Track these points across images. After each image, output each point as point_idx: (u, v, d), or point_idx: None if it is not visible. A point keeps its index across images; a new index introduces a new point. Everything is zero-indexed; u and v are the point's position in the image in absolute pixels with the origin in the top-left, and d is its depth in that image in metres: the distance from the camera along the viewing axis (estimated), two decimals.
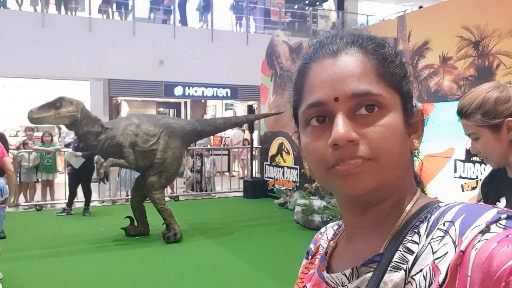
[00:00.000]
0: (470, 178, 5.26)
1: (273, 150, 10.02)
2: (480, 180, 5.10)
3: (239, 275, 4.92)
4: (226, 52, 14.64)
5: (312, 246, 0.83)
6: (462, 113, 1.56)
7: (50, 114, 5.68)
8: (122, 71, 13.66)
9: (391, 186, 0.63)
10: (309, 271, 0.79)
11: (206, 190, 10.71)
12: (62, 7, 13.63)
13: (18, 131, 14.84)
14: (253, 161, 11.07)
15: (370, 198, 0.63)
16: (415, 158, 0.71)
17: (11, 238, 6.33)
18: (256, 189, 9.98)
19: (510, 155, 1.54)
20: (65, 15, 13.72)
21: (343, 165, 0.60)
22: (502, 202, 1.58)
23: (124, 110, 16.66)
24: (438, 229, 0.56)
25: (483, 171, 5.08)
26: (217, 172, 11.40)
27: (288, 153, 9.50)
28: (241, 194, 10.33)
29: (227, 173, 13.11)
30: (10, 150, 9.81)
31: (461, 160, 5.37)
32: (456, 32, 5.46)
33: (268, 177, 10.23)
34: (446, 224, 0.55)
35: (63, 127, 7.78)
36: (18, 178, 9.00)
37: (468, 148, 5.24)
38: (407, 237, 0.60)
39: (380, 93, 0.61)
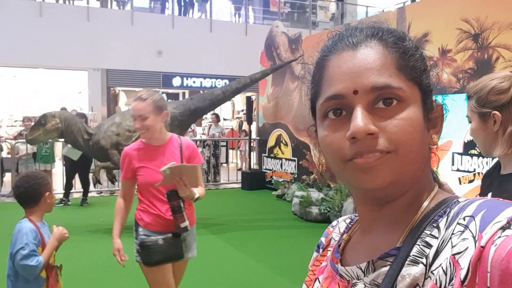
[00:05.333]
0: (468, 171, 5.27)
1: (271, 141, 10.02)
2: (478, 173, 5.12)
3: (236, 266, 4.94)
4: (224, 43, 14.58)
5: (323, 239, 0.83)
6: (467, 94, 1.59)
7: (40, 132, 6.22)
8: (120, 61, 13.60)
9: (409, 181, 0.62)
10: (320, 263, 0.79)
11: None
12: None
13: (16, 120, 14.79)
14: (251, 153, 11.09)
15: (387, 193, 0.62)
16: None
17: (7, 229, 6.33)
18: (254, 180, 9.99)
19: (495, 147, 1.53)
20: (63, 4, 13.64)
21: (361, 158, 0.59)
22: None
23: (122, 100, 16.62)
24: (458, 223, 0.55)
25: (481, 164, 5.09)
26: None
27: (286, 145, 9.50)
28: (239, 185, 10.34)
29: (225, 164, 13.12)
30: (7, 140, 9.81)
31: (459, 153, 5.37)
32: (455, 25, 5.43)
33: (266, 169, 10.24)
34: (467, 219, 0.54)
35: None
36: (16, 168, 8.99)
37: (466, 141, 5.25)
38: (425, 231, 0.59)
39: (400, 86, 0.61)
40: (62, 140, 7.29)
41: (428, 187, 0.66)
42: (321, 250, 0.82)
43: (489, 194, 1.57)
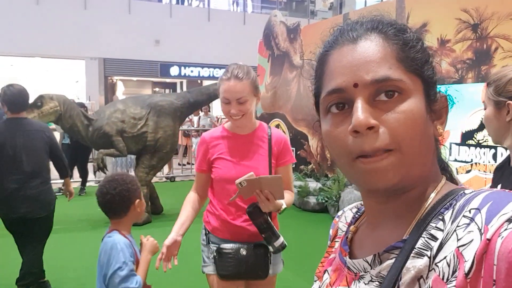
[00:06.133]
0: (465, 162, 5.29)
1: None
2: (475, 163, 5.14)
3: None
4: (222, 32, 14.51)
5: (331, 230, 0.83)
6: (488, 81, 1.60)
7: (34, 115, 5.68)
8: (117, 50, 13.54)
9: (416, 175, 0.62)
10: (329, 255, 0.79)
11: None
12: None
13: None
14: None
15: (394, 190, 0.62)
16: (440, 145, 0.69)
17: None
18: None
19: (506, 137, 1.55)
20: None
21: (365, 159, 0.59)
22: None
23: (120, 90, 16.56)
24: (464, 216, 0.54)
25: (478, 154, 5.10)
26: None
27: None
28: None
29: None
30: None
31: (456, 144, 5.38)
32: (455, 15, 5.41)
33: None
34: (472, 211, 0.53)
35: None
36: None
37: (463, 132, 5.26)
38: (431, 224, 0.59)
39: (400, 78, 0.60)
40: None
41: (435, 178, 0.65)
42: (329, 242, 0.82)
43: (499, 186, 1.58)
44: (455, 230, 0.54)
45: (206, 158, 2.20)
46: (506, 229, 0.49)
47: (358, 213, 0.79)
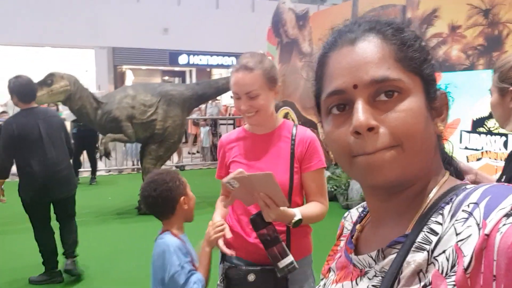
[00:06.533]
0: (476, 149, 5.25)
1: None
2: (486, 151, 5.09)
3: None
4: (231, 20, 14.44)
5: (338, 231, 0.85)
6: (494, 68, 1.61)
7: (44, 92, 5.47)
8: (126, 39, 13.55)
9: (417, 172, 0.62)
10: (334, 253, 0.81)
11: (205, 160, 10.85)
12: None
13: None
14: None
15: (395, 186, 0.63)
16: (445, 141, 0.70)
17: (15, 208, 6.43)
18: None
19: (508, 123, 1.55)
20: None
21: (366, 155, 0.60)
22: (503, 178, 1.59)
23: (129, 78, 16.60)
24: (463, 210, 0.55)
25: (489, 142, 5.06)
26: None
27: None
28: None
29: None
30: None
31: (467, 131, 5.34)
32: (466, 0, 5.33)
33: None
34: (471, 206, 0.54)
35: None
36: None
37: (474, 119, 5.21)
38: (431, 218, 0.60)
39: (399, 78, 0.61)
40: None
41: (438, 174, 0.66)
42: (336, 241, 0.84)
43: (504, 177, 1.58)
44: (453, 225, 0.55)
45: (224, 163, 1.98)
46: (504, 224, 0.49)
47: (364, 212, 0.80)
